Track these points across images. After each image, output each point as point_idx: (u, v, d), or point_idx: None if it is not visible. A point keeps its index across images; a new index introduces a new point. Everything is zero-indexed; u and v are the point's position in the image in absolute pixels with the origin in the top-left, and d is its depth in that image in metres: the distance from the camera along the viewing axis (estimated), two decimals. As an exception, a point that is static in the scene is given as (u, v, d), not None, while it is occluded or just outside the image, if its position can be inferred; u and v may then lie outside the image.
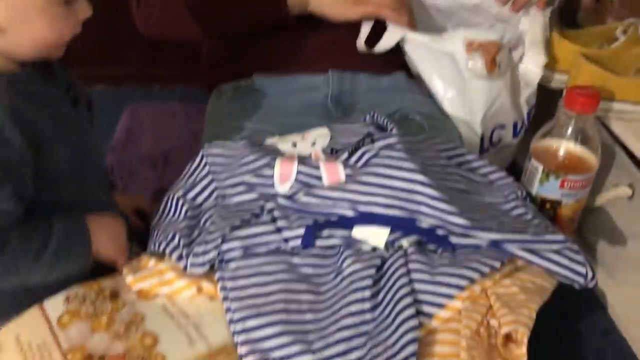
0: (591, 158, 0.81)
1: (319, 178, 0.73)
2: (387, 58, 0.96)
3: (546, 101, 0.99)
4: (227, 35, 0.97)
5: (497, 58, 0.89)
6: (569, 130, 0.80)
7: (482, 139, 0.94)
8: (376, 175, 0.70)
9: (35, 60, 0.63)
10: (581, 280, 0.68)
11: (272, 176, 0.73)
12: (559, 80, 0.94)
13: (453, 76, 0.92)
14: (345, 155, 0.75)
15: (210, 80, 1.02)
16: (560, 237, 0.70)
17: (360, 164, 0.73)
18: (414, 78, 0.98)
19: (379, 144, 0.73)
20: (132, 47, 1.40)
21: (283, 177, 0.73)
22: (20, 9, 0.59)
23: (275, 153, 0.78)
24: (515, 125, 0.97)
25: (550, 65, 0.94)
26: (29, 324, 0.62)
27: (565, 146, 0.81)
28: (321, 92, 0.94)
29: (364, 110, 0.88)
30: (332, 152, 0.78)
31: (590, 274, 0.68)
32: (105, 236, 0.68)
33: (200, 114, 1.00)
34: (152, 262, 0.68)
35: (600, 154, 0.81)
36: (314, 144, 0.80)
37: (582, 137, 0.80)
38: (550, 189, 0.81)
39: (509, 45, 0.92)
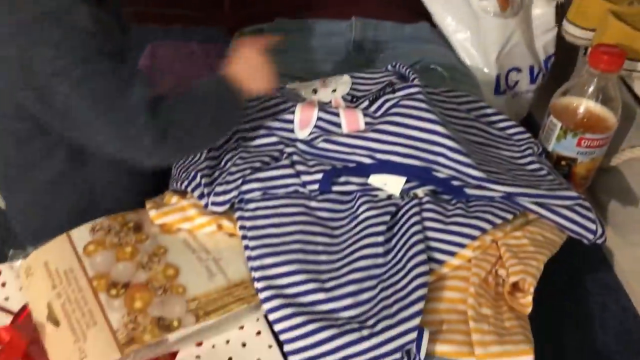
0: (611, 118, 0.80)
1: (339, 125, 0.73)
2: (410, 7, 0.95)
3: (569, 58, 0.98)
4: None
5: None
6: (591, 89, 0.80)
7: (497, 80, 0.94)
8: (395, 125, 0.70)
9: None
10: (591, 236, 0.70)
11: (292, 121, 0.74)
12: (584, 37, 0.93)
13: (466, 17, 0.92)
14: (366, 103, 0.76)
15: (232, 23, 1.01)
16: (573, 193, 0.70)
17: (380, 112, 0.74)
18: (437, 29, 0.97)
19: (400, 93, 0.73)
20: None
21: (303, 123, 0.74)
22: None
23: (296, 98, 0.78)
24: (532, 70, 0.97)
25: (577, 21, 0.92)
26: (56, 251, 0.64)
27: (585, 104, 0.80)
28: (343, 39, 0.93)
29: (385, 58, 0.88)
30: (352, 100, 0.79)
31: (600, 231, 0.70)
32: (250, 81, 0.68)
33: (219, 56, 0.99)
34: (174, 199, 0.70)
35: (620, 114, 0.81)
36: (334, 91, 0.80)
37: (603, 96, 0.80)
38: (566, 146, 0.81)
39: None
